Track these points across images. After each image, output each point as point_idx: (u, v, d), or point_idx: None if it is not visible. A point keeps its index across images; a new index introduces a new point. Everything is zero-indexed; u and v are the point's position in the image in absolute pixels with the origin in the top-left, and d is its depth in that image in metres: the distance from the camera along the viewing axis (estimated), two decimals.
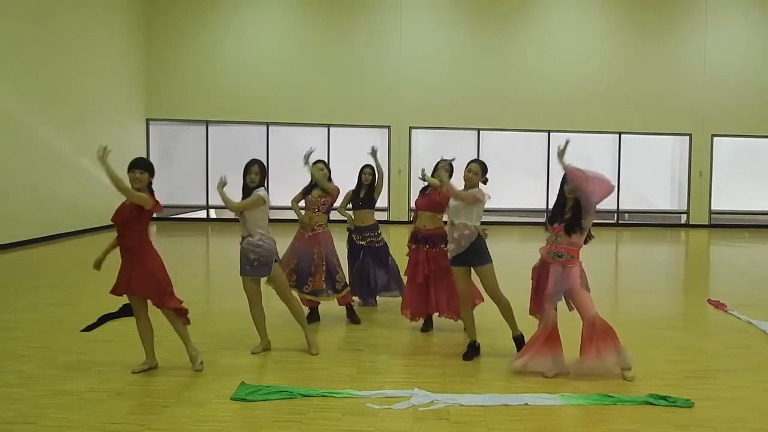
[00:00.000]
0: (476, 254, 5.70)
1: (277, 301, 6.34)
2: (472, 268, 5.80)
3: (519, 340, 5.83)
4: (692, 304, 8.80)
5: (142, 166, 5.14)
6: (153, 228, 17.13)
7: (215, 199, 5.61)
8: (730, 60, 19.23)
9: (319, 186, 6.86)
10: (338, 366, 5.59)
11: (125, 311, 5.33)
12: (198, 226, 17.87)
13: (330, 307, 7.60)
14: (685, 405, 4.72)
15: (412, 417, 4.48)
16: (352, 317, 7.10)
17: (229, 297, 5.94)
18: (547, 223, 5.39)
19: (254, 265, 5.73)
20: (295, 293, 6.49)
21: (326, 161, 7.52)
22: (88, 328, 5.37)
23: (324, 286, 6.75)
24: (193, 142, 19.01)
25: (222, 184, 5.57)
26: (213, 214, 19.29)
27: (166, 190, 18.40)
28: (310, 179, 6.98)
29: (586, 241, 5.38)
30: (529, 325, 5.72)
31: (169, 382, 5.09)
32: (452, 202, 5.74)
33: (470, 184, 5.77)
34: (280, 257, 6.12)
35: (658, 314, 7.87)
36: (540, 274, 5.44)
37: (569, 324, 5.43)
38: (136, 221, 5.09)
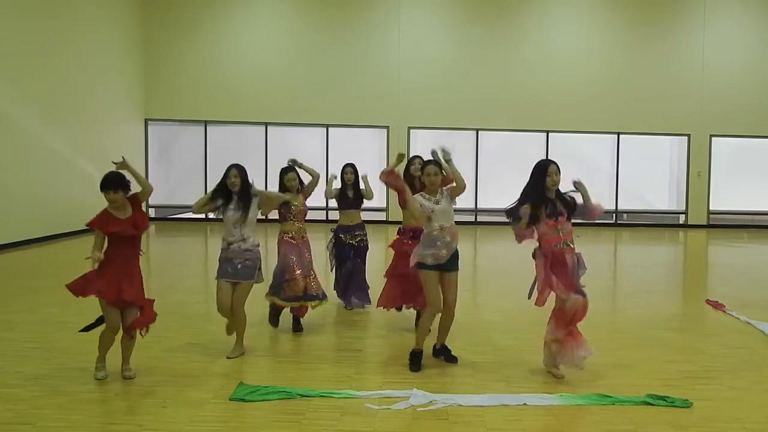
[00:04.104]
0: (455, 260, 5.53)
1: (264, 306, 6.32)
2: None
3: (417, 355, 5.60)
4: (691, 305, 8.81)
5: (113, 187, 4.99)
6: (151, 228, 17.13)
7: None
8: (729, 60, 19.24)
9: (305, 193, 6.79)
10: (337, 366, 5.59)
11: (89, 328, 5.33)
12: (196, 227, 17.85)
13: (329, 308, 7.58)
14: (684, 405, 4.72)
15: (411, 417, 4.48)
16: (297, 326, 6.72)
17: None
18: (553, 218, 5.21)
19: (239, 269, 5.65)
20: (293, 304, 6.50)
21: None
22: (86, 329, 5.35)
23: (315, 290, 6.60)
24: (192, 142, 18.99)
25: None
26: (211, 214, 19.23)
27: (164, 190, 18.46)
28: (281, 187, 6.74)
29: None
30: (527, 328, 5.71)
31: (167, 382, 5.08)
32: (440, 205, 5.49)
33: (434, 188, 5.61)
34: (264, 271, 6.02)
35: (656, 314, 7.87)
36: (554, 266, 5.24)
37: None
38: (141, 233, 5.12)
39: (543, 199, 5.24)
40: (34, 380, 5.08)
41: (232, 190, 5.71)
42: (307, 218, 6.81)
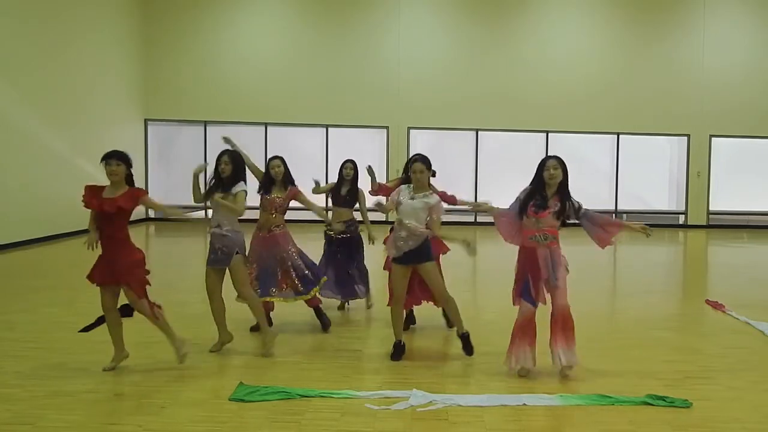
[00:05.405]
0: (420, 253, 5.60)
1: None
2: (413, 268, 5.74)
3: (464, 338, 5.81)
4: (690, 305, 8.80)
5: (116, 157, 5.07)
6: (151, 228, 17.13)
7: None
8: (728, 61, 19.24)
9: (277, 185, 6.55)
10: (336, 366, 5.59)
11: (123, 312, 5.32)
12: (195, 226, 17.83)
13: (328, 308, 7.58)
14: (683, 405, 4.72)
15: (411, 417, 4.48)
16: (322, 319, 6.74)
17: (226, 297, 5.98)
18: (534, 209, 5.23)
19: (218, 255, 5.72)
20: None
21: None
22: (86, 329, 5.37)
23: (288, 288, 6.45)
24: (191, 142, 18.96)
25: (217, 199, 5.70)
26: (211, 214, 19.22)
27: (163, 189, 18.43)
28: (265, 174, 6.60)
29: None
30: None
31: (167, 382, 5.09)
32: (412, 202, 5.60)
33: (420, 184, 5.67)
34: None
35: (656, 315, 7.88)
36: (525, 262, 5.33)
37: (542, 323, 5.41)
38: (126, 213, 5.09)
39: (537, 192, 5.26)
40: (34, 380, 5.08)
41: (222, 176, 5.75)
42: (306, 218, 6.76)
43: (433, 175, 5.91)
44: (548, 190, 5.27)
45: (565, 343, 5.22)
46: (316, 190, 7.46)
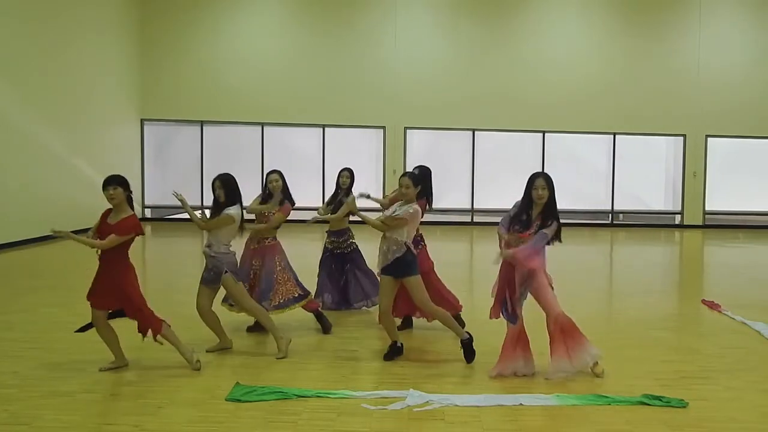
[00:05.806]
0: (402, 267, 5.61)
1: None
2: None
3: (466, 344, 5.74)
4: (686, 305, 8.82)
5: (114, 182, 5.15)
6: (147, 228, 17.10)
7: (210, 200, 5.62)
8: (724, 61, 19.28)
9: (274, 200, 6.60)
10: (333, 366, 5.60)
11: (117, 312, 5.33)
12: (192, 227, 17.78)
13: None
14: (680, 405, 4.73)
15: (407, 417, 4.49)
16: (323, 323, 6.74)
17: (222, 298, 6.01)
18: (516, 229, 5.29)
19: (210, 275, 5.77)
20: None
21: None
22: (83, 329, 5.37)
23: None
24: (188, 142, 18.95)
25: (184, 201, 5.79)
26: (208, 214, 19.19)
27: (160, 190, 18.44)
28: (263, 188, 6.71)
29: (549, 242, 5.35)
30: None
31: (163, 382, 5.09)
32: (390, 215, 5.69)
33: (406, 198, 5.73)
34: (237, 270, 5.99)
35: (652, 315, 7.89)
36: (505, 277, 5.41)
37: (540, 323, 5.45)
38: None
39: (524, 211, 5.29)
40: (31, 380, 5.08)
41: (219, 201, 5.83)
42: (303, 219, 6.77)
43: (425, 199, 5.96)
44: (535, 209, 5.30)
45: (566, 353, 5.25)
46: (323, 211, 7.47)
